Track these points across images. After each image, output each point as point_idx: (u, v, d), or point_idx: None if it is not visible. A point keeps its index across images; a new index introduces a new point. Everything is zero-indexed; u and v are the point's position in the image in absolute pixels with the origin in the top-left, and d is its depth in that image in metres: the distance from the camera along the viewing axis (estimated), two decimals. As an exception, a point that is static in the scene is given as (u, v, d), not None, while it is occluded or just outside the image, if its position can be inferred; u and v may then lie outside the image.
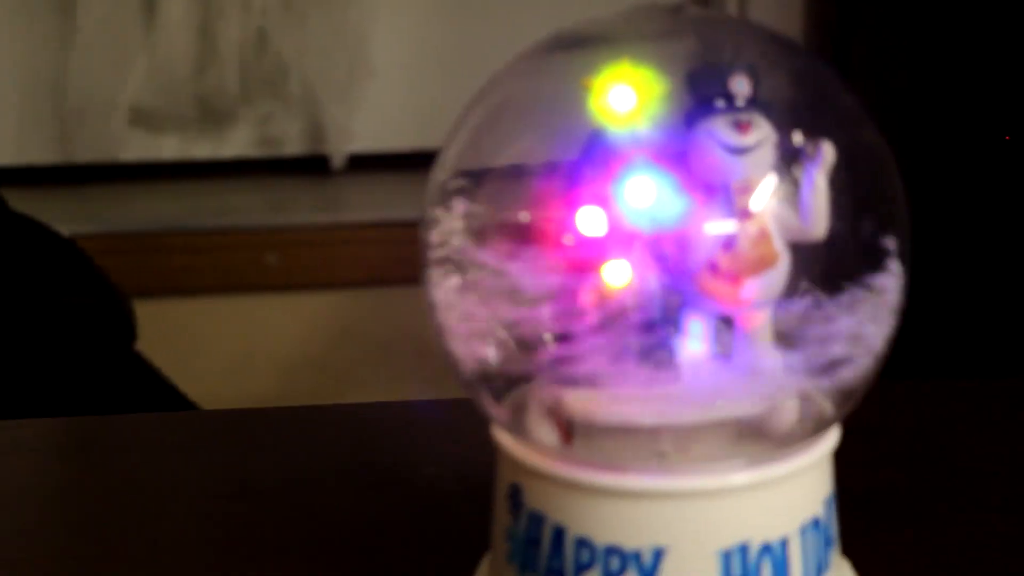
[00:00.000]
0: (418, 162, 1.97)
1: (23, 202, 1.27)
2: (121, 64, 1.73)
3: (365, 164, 1.84)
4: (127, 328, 1.26)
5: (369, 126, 1.82)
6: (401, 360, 1.76)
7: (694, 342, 0.41)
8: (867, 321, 0.42)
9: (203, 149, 1.83)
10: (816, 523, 0.41)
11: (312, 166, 1.84)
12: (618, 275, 0.40)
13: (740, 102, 0.40)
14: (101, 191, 1.79)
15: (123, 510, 0.57)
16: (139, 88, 1.74)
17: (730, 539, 0.40)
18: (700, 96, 0.40)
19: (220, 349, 1.73)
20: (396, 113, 1.83)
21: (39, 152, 1.76)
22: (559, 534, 0.40)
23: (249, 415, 0.72)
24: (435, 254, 0.41)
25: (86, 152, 1.76)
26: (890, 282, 0.41)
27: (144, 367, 1.25)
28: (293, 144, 1.84)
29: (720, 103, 0.40)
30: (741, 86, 0.40)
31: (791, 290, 0.41)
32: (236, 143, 1.84)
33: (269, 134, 1.81)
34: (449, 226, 0.41)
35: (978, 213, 1.41)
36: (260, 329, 1.74)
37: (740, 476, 0.40)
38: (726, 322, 0.41)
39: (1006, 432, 0.61)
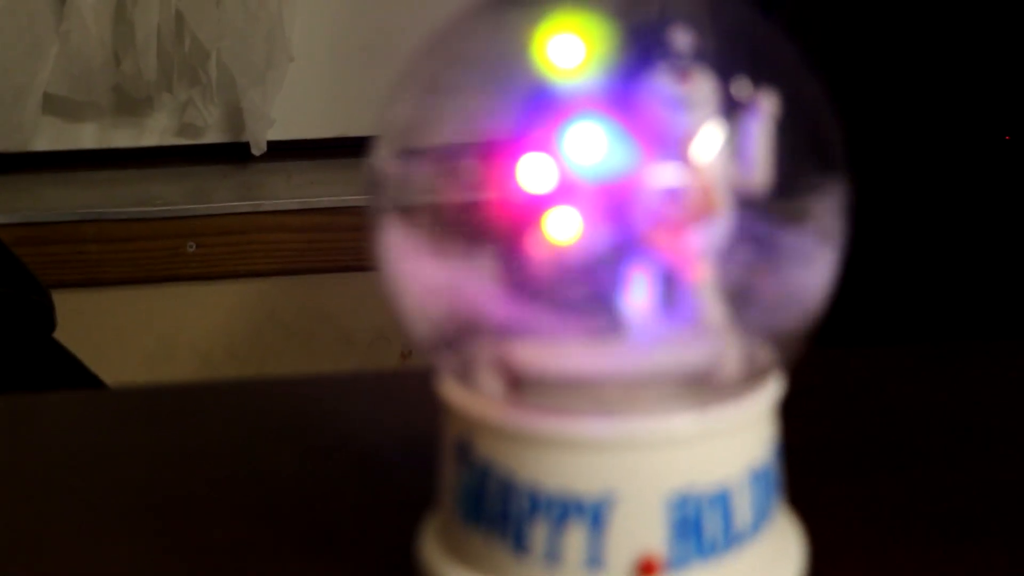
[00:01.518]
0: (339, 149, 1.97)
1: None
2: (33, 52, 1.71)
3: (285, 151, 1.84)
4: (45, 318, 1.25)
5: (289, 112, 1.82)
6: (323, 347, 1.75)
7: (638, 293, 0.41)
8: (808, 270, 0.43)
9: (122, 137, 1.82)
10: (762, 470, 0.42)
11: (232, 153, 1.83)
12: (564, 227, 0.40)
13: (683, 53, 0.41)
14: (15, 180, 1.77)
15: (58, 484, 0.57)
16: (53, 76, 1.72)
17: (677, 485, 0.40)
18: (643, 47, 0.41)
19: (140, 339, 1.71)
20: (316, 99, 1.83)
21: (-51, 142, 1.73)
22: (507, 484, 0.41)
23: (184, 389, 0.72)
24: (386, 206, 0.41)
25: (-2, 142, 1.73)
26: (830, 231, 0.42)
27: (64, 356, 1.23)
28: (213, 131, 1.83)
29: (663, 54, 0.41)
30: (683, 37, 0.41)
31: (735, 240, 0.42)
32: (155, 131, 1.83)
33: (188, 122, 1.80)
34: (399, 181, 0.41)
35: (916, 172, 1.42)
36: (180, 318, 1.73)
37: (686, 423, 0.41)
38: (670, 272, 0.42)
39: (945, 392, 0.62)
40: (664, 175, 0.40)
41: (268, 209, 1.75)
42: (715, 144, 0.41)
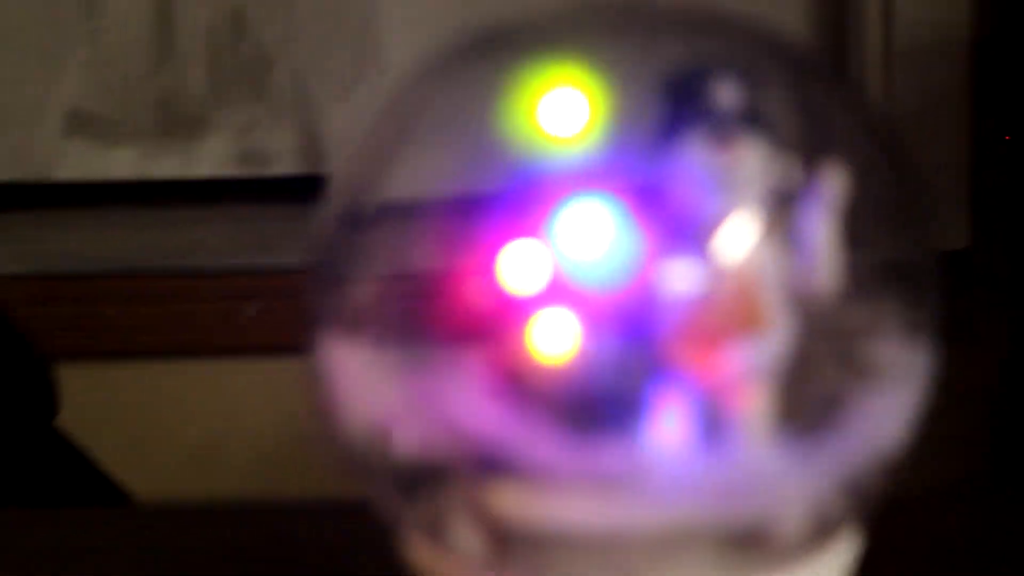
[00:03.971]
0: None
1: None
2: (54, 57, 1.75)
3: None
4: (46, 399, 1.27)
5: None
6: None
7: (663, 427, 0.42)
8: (896, 396, 0.43)
9: (165, 166, 1.85)
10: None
11: (306, 189, 1.86)
12: (557, 337, 0.41)
13: (724, 114, 0.41)
14: (26, 219, 1.81)
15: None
16: (78, 88, 1.76)
17: None
18: (673, 108, 0.42)
19: (178, 431, 1.74)
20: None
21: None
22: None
23: (207, 509, 0.74)
24: (328, 313, 0.42)
25: (7, 169, 1.78)
26: (923, 339, 0.42)
27: (67, 450, 1.26)
28: (283, 161, 1.85)
29: (698, 116, 0.41)
30: (726, 94, 0.41)
31: (797, 359, 0.42)
32: (208, 159, 1.86)
33: (251, 147, 1.83)
34: (346, 277, 0.42)
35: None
36: (233, 403, 1.75)
37: (722, 601, 0.41)
38: (708, 399, 0.42)
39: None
40: (694, 273, 0.41)
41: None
42: (765, 233, 0.41)
